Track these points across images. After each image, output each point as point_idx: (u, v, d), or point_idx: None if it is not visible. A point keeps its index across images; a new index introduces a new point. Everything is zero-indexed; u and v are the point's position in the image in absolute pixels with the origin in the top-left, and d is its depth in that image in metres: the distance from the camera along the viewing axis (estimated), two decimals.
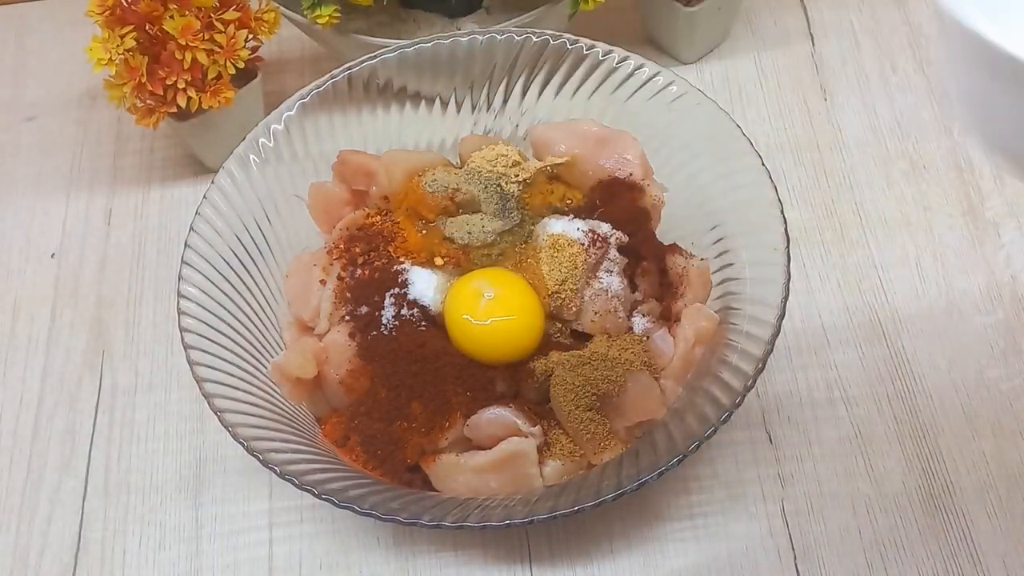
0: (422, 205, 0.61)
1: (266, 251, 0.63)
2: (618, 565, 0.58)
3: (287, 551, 0.60)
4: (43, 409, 0.66)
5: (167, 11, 0.66)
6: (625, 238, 0.59)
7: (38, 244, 0.74)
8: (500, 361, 0.57)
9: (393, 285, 0.58)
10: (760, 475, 0.61)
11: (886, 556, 0.58)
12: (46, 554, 0.61)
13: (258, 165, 0.63)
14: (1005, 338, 0.65)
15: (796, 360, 0.65)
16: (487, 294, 0.56)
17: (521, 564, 0.59)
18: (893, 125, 0.75)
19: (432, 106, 0.68)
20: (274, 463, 0.51)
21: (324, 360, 0.58)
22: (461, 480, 0.55)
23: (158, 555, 0.60)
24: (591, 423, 0.55)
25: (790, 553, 0.58)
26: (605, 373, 0.55)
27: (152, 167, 0.78)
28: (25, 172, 0.78)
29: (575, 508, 0.50)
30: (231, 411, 0.54)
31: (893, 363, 0.64)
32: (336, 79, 0.65)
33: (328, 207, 0.64)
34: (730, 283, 0.60)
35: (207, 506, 0.62)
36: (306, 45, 0.83)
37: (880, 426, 0.62)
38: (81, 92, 0.82)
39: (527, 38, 0.65)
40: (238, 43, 0.68)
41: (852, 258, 0.69)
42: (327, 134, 0.66)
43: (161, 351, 0.68)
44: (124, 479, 0.63)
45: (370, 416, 0.56)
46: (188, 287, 0.58)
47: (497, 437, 0.55)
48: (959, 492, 0.59)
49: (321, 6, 0.69)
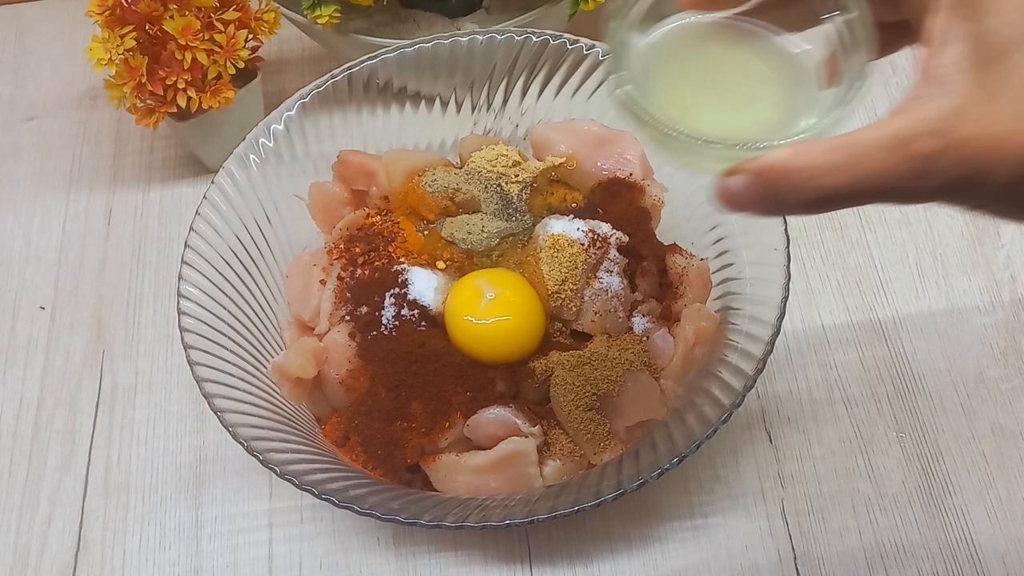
0: (422, 205, 0.61)
1: (266, 251, 0.63)
2: (618, 565, 0.58)
3: (287, 551, 0.60)
4: (43, 409, 0.66)
5: (167, 11, 0.66)
6: (625, 238, 0.59)
7: (38, 244, 0.74)
8: (500, 361, 0.57)
9: (393, 285, 0.58)
10: (760, 475, 0.61)
11: (886, 556, 0.58)
12: (46, 554, 0.61)
13: (258, 165, 0.63)
14: (1005, 338, 0.65)
15: (796, 360, 0.65)
16: (488, 294, 0.56)
17: (521, 564, 0.59)
18: None
19: (432, 106, 0.68)
20: (274, 463, 0.51)
21: (324, 360, 0.58)
22: (461, 480, 0.55)
23: (158, 555, 0.61)
24: (591, 423, 0.55)
25: (790, 553, 0.58)
26: (605, 373, 0.55)
27: (152, 167, 0.78)
28: (25, 172, 0.78)
29: (575, 508, 0.50)
30: (231, 411, 0.54)
31: (893, 363, 0.64)
32: (336, 79, 0.64)
33: (328, 207, 0.64)
34: (730, 283, 0.60)
35: (207, 506, 0.62)
36: (306, 45, 0.83)
37: (880, 426, 0.62)
38: (81, 92, 0.82)
39: (527, 38, 0.65)
40: (238, 43, 0.68)
41: (852, 258, 0.69)
42: (327, 134, 0.66)
43: (161, 351, 0.68)
44: (124, 479, 0.63)
45: (370, 416, 0.56)
46: (188, 287, 0.58)
47: (497, 437, 0.55)
48: (959, 492, 0.59)
49: (321, 6, 0.69)
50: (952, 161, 0.32)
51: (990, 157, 0.31)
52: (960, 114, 0.32)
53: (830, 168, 0.33)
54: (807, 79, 0.39)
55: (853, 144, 0.33)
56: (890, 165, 0.32)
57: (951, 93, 0.32)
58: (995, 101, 0.32)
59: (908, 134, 0.32)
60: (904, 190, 0.32)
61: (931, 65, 0.33)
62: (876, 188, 0.33)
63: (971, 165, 0.32)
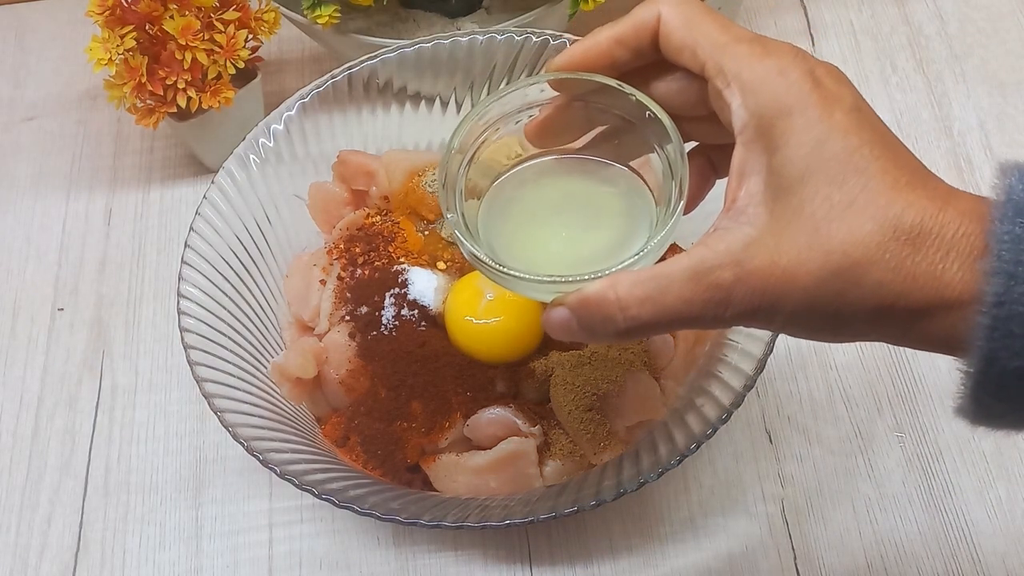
0: (422, 205, 0.61)
1: (266, 251, 0.63)
2: (618, 565, 0.58)
3: (287, 551, 0.60)
4: (43, 409, 0.66)
5: (167, 11, 0.66)
6: None
7: (38, 244, 0.74)
8: (500, 361, 0.57)
9: (393, 285, 0.58)
10: (760, 475, 0.61)
11: (886, 556, 0.58)
12: (46, 554, 0.61)
13: (258, 165, 0.63)
14: None
15: (796, 360, 0.65)
16: (488, 294, 0.56)
17: (521, 564, 0.59)
18: (893, 125, 0.75)
19: (432, 106, 0.68)
20: (274, 463, 0.51)
21: (324, 360, 0.58)
22: (461, 480, 0.55)
23: (158, 555, 0.61)
24: (591, 423, 0.55)
25: (790, 553, 0.58)
26: (605, 373, 0.55)
27: (152, 167, 0.78)
28: (25, 172, 0.78)
29: (575, 508, 0.50)
30: (231, 411, 0.54)
31: (893, 363, 0.64)
32: (336, 79, 0.64)
33: (328, 207, 0.64)
34: None
35: (207, 506, 0.62)
36: (306, 45, 0.83)
37: (880, 426, 0.62)
38: (81, 92, 0.82)
39: (527, 38, 0.65)
40: (238, 43, 0.68)
41: None
42: (327, 134, 0.65)
43: (161, 351, 0.68)
44: (124, 479, 0.63)
45: (370, 416, 0.56)
46: (188, 287, 0.58)
47: (497, 437, 0.55)
48: (959, 492, 0.59)
49: (321, 6, 0.69)
50: (746, 291, 0.34)
51: (779, 287, 0.33)
52: (754, 245, 0.34)
53: (636, 301, 0.35)
54: (647, 201, 0.42)
55: (659, 276, 0.35)
56: (692, 296, 0.34)
57: (749, 224, 0.34)
58: (785, 233, 0.34)
59: (708, 266, 0.34)
60: (707, 318, 0.35)
61: (732, 196, 0.36)
62: (680, 318, 0.35)
63: (763, 295, 0.34)
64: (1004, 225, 0.31)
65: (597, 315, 0.36)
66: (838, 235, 0.33)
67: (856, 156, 0.33)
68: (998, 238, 0.31)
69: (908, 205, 0.32)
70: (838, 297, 0.33)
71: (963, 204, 0.33)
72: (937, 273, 0.32)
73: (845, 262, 0.33)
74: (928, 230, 0.32)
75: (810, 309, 0.34)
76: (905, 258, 0.32)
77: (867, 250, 0.32)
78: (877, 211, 0.33)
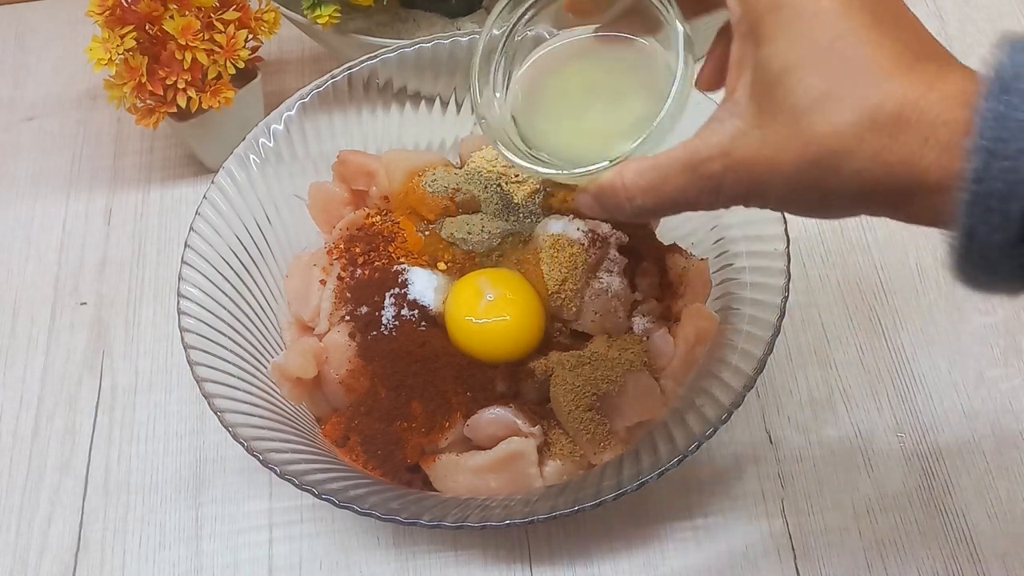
0: (422, 205, 0.61)
1: (266, 251, 0.63)
2: (618, 565, 0.58)
3: (287, 551, 0.60)
4: (43, 409, 0.66)
5: (167, 11, 0.66)
6: (625, 238, 0.59)
7: (38, 244, 0.74)
8: (500, 361, 0.57)
9: (393, 285, 0.58)
10: (760, 475, 0.61)
11: (886, 556, 0.58)
12: (46, 554, 0.61)
13: (258, 165, 0.63)
14: (1005, 338, 0.65)
15: (796, 360, 0.65)
16: (488, 294, 0.56)
17: (521, 564, 0.59)
18: None
19: (432, 106, 0.68)
20: (274, 463, 0.51)
21: (324, 360, 0.58)
22: (461, 480, 0.55)
23: (158, 555, 0.60)
24: (591, 423, 0.55)
25: (790, 553, 0.58)
26: (605, 373, 0.55)
27: (152, 167, 0.78)
28: (25, 172, 0.78)
29: (575, 508, 0.50)
30: (231, 411, 0.54)
31: (893, 363, 0.64)
32: (336, 79, 0.64)
33: (328, 207, 0.64)
34: (730, 283, 0.60)
35: (207, 506, 0.62)
36: (306, 45, 0.83)
37: (880, 426, 0.62)
38: (81, 92, 0.82)
39: None
40: (238, 43, 0.68)
41: (852, 258, 0.69)
42: (327, 134, 0.66)
43: (161, 351, 0.68)
44: (124, 479, 0.63)
45: (370, 416, 0.56)
46: (188, 287, 0.58)
47: (497, 437, 0.55)
48: (959, 492, 0.59)
49: (321, 6, 0.69)
50: (735, 179, 0.37)
51: (764, 176, 0.36)
52: (742, 137, 0.36)
53: (640, 190, 0.39)
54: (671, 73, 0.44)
55: (659, 167, 0.39)
56: (687, 185, 0.38)
57: (739, 116, 0.37)
58: (770, 125, 0.36)
59: (700, 157, 0.37)
60: (703, 203, 0.38)
61: (729, 88, 0.38)
62: (679, 204, 0.39)
63: (750, 183, 0.37)
64: (988, 102, 0.31)
65: (611, 201, 0.40)
66: (817, 125, 0.34)
67: (840, 43, 0.34)
68: (982, 115, 0.31)
69: (888, 94, 0.33)
70: (819, 183, 0.35)
71: (951, 86, 0.33)
72: (914, 160, 0.33)
73: (823, 152, 0.34)
74: (907, 118, 0.33)
75: (795, 193, 0.36)
76: (882, 148, 0.33)
77: (844, 140, 0.33)
78: (855, 101, 0.33)
